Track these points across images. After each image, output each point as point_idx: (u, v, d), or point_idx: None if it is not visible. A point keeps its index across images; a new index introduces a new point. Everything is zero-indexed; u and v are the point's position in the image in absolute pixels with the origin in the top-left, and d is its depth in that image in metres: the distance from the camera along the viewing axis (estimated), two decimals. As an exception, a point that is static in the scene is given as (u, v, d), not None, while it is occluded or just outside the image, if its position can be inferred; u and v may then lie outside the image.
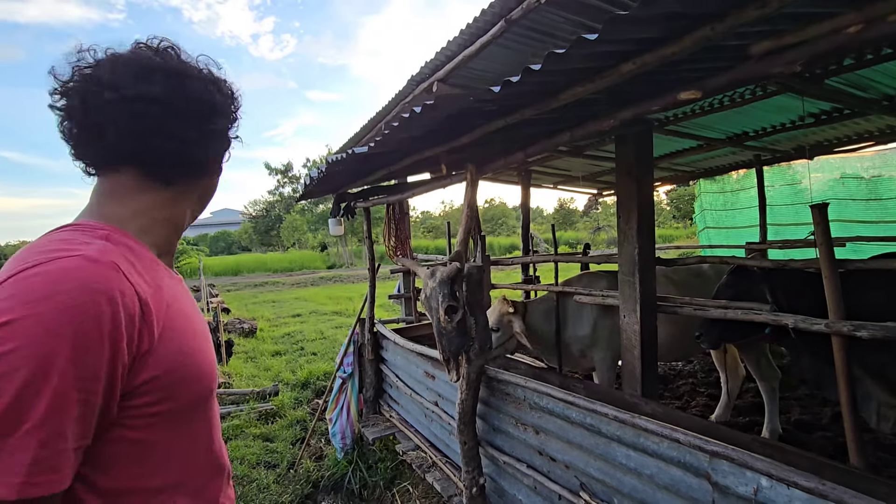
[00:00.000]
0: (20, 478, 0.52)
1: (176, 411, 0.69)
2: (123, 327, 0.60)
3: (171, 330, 0.68)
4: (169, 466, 0.70)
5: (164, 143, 0.74)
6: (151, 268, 0.71)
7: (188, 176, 0.81)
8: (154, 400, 0.66)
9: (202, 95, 0.77)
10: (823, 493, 1.06)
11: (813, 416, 3.49)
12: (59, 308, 0.56)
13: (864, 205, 5.00)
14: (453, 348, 2.16)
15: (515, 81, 1.34)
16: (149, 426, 0.66)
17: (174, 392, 0.68)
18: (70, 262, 0.59)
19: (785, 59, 1.06)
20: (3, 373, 0.53)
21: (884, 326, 1.77)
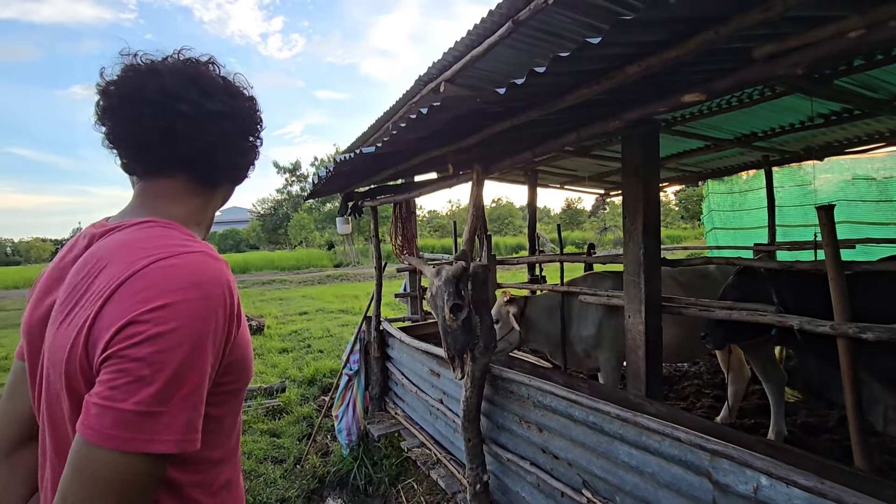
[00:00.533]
0: (178, 435, 0.63)
1: (237, 392, 0.79)
2: (234, 314, 0.72)
3: (241, 320, 0.77)
4: (227, 440, 0.79)
5: (222, 155, 0.84)
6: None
7: (231, 182, 0.92)
8: (232, 379, 0.76)
9: (250, 112, 0.87)
10: (822, 491, 1.08)
11: (819, 419, 3.47)
12: (205, 296, 0.66)
13: (875, 206, 4.95)
14: (458, 346, 2.18)
15: (521, 84, 1.36)
16: (222, 402, 0.75)
17: (242, 375, 0.78)
18: (198, 257, 0.70)
19: (788, 61, 1.07)
20: (169, 347, 0.62)
21: (889, 329, 1.77)
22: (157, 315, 0.62)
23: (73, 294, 0.69)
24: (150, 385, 0.61)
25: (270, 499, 3.21)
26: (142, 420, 0.60)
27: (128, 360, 0.61)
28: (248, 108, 0.88)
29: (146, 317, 0.62)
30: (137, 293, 0.63)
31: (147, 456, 0.61)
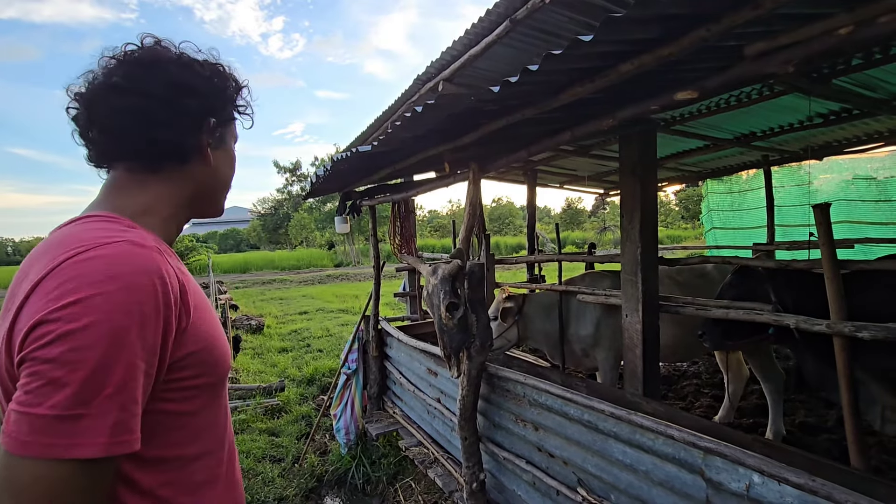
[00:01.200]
0: (104, 438, 0.59)
1: (207, 387, 0.76)
2: (172, 304, 0.67)
3: (200, 311, 0.74)
4: (202, 436, 0.77)
5: (134, 131, 0.76)
6: (170, 255, 0.76)
7: (168, 160, 0.80)
8: (193, 374, 0.72)
9: (168, 78, 0.77)
10: (814, 489, 1.08)
11: (817, 419, 3.46)
12: (125, 287, 0.62)
13: (874, 206, 4.94)
14: (454, 345, 2.18)
15: (514, 81, 1.36)
16: (187, 398, 0.73)
17: (207, 368, 0.75)
18: (120, 247, 0.65)
19: (779, 59, 1.07)
20: (82, 345, 0.58)
21: (885, 327, 1.77)
22: (68, 312, 0.59)
23: (7, 298, 0.68)
24: (66, 387, 0.57)
25: (268, 497, 3.22)
26: (60, 424, 0.56)
27: (39, 363, 0.57)
28: (164, 73, 0.77)
29: (56, 315, 0.58)
30: (50, 291, 0.60)
31: (72, 462, 0.57)
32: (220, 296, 8.92)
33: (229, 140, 0.90)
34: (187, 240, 23.17)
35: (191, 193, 0.85)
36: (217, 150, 0.86)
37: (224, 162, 0.89)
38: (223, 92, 0.86)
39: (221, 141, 0.87)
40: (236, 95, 0.90)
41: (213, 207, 0.92)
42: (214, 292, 9.18)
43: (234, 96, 0.89)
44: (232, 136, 0.91)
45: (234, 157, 0.93)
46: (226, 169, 0.90)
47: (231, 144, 0.91)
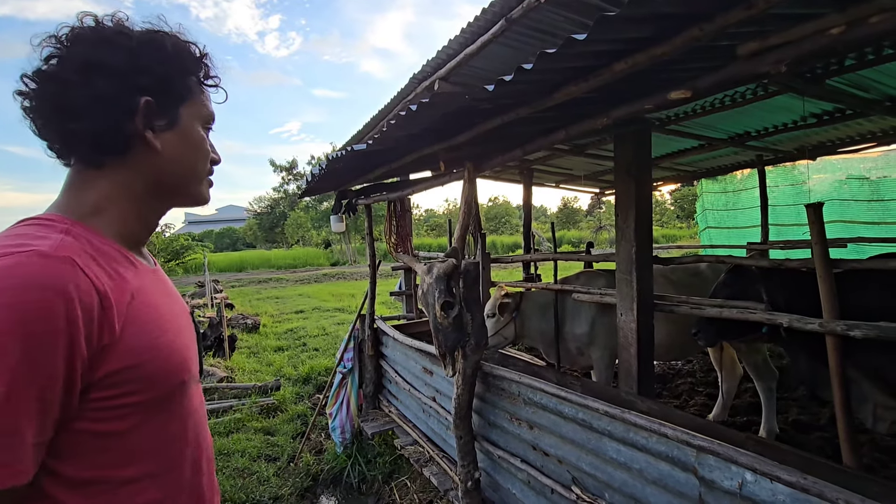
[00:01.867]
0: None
1: (145, 403, 0.68)
2: (81, 322, 0.59)
3: (135, 324, 0.67)
4: (141, 457, 0.69)
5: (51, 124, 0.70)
6: (115, 260, 0.69)
7: (103, 154, 0.72)
8: (120, 392, 0.65)
9: (80, 58, 0.68)
10: (805, 487, 1.08)
11: (811, 417, 3.49)
12: (12, 304, 0.55)
13: (867, 206, 4.98)
14: (449, 344, 2.18)
15: (509, 80, 1.36)
16: (116, 418, 0.65)
17: (142, 385, 0.67)
18: (14, 259, 0.58)
19: (771, 59, 1.07)
20: None
21: (877, 326, 1.78)
22: None
23: None
24: None
25: (264, 496, 3.21)
26: None
27: None
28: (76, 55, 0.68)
29: None
30: None
31: None
32: (215, 294, 8.88)
33: (188, 119, 0.78)
34: (182, 238, 23.05)
35: (147, 186, 0.76)
36: (168, 133, 0.75)
37: (182, 145, 0.77)
38: (165, 65, 0.74)
39: (173, 122, 0.75)
40: (194, 66, 0.78)
41: (184, 197, 0.82)
42: (210, 291, 9.15)
43: (188, 68, 0.77)
44: (194, 115, 0.79)
45: (197, 139, 0.80)
46: (186, 153, 0.78)
47: (191, 124, 0.78)
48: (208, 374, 5.39)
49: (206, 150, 0.82)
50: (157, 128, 0.74)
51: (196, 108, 0.79)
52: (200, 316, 7.29)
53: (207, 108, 0.82)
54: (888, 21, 0.92)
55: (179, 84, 0.76)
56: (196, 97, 0.79)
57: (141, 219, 0.78)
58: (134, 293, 0.68)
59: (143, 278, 0.73)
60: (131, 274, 0.71)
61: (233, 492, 3.17)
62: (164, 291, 0.80)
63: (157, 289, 0.77)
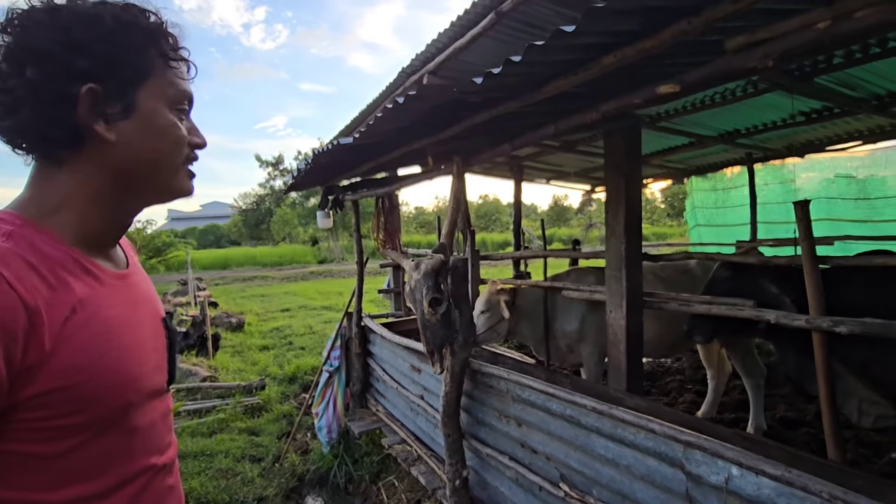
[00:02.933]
0: None
1: (87, 425, 0.63)
2: (9, 338, 0.54)
3: (71, 341, 0.61)
4: (76, 479, 0.63)
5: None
6: (65, 267, 0.64)
7: (56, 149, 0.66)
8: (53, 414, 0.60)
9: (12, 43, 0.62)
10: (790, 480, 1.08)
11: (798, 413, 3.52)
12: None
13: (854, 204, 5.04)
14: (437, 341, 2.16)
15: (497, 73, 1.34)
16: (49, 439, 0.60)
17: (80, 406, 0.62)
18: None
19: (758, 53, 1.06)
20: None
21: (862, 322, 1.78)
22: None
23: None
24: None
25: (248, 497, 3.17)
26: None
27: None
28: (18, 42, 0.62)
29: None
30: None
31: None
32: (199, 293, 8.78)
33: (150, 103, 0.69)
34: (165, 235, 22.73)
35: (111, 182, 0.69)
36: (126, 122, 0.67)
37: (145, 134, 0.69)
38: (107, 43, 0.64)
39: (130, 108, 0.67)
40: (150, 40, 0.68)
41: (159, 191, 0.74)
42: (193, 289, 9.04)
43: (141, 42, 0.67)
44: (158, 96, 0.70)
45: (164, 124, 0.70)
46: (151, 142, 0.69)
47: (154, 108, 0.69)
48: (191, 373, 5.31)
49: (179, 135, 0.72)
50: (112, 117, 0.66)
51: (160, 89, 0.70)
52: (183, 315, 7.19)
53: (177, 87, 0.72)
54: (873, 16, 0.91)
55: (131, 63, 0.67)
56: (159, 75, 0.69)
57: (106, 218, 0.70)
58: (77, 306, 0.62)
59: (97, 288, 0.67)
60: (82, 284, 0.64)
61: (216, 493, 3.12)
62: (129, 299, 0.73)
63: (117, 298, 0.70)
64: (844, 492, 1.04)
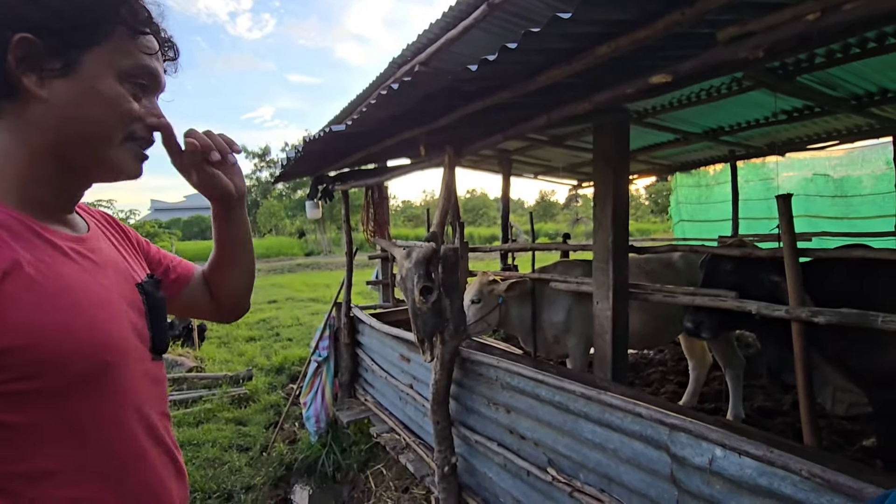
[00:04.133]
0: None
1: (51, 391, 0.60)
2: None
3: (19, 298, 0.57)
4: (56, 448, 0.61)
5: None
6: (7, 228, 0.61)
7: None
8: (10, 377, 0.56)
9: None
10: (771, 459, 1.12)
11: (775, 403, 3.63)
12: None
13: (831, 201, 5.19)
14: (428, 329, 2.17)
15: (493, 60, 1.35)
16: (9, 407, 0.57)
17: (42, 368, 0.58)
18: None
19: (749, 44, 1.09)
20: None
21: (839, 312, 1.85)
22: None
23: None
24: None
25: (236, 486, 3.16)
26: None
27: None
28: None
29: None
30: None
31: None
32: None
33: (96, 68, 0.65)
34: (148, 226, 22.26)
35: (45, 144, 0.65)
36: (62, 80, 0.63)
37: (81, 98, 0.64)
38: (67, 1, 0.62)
39: (69, 68, 0.63)
40: (114, 7, 0.65)
41: (95, 165, 0.70)
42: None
43: (102, 7, 0.64)
44: (107, 63, 0.65)
45: (108, 93, 0.66)
46: (88, 109, 0.65)
47: (99, 74, 0.65)
48: (177, 364, 5.25)
49: (124, 108, 0.67)
50: (48, 73, 0.62)
51: (112, 57, 0.66)
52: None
53: (135, 60, 0.68)
54: (861, 8, 0.94)
55: (84, 23, 0.63)
56: (116, 43, 0.66)
57: (45, 184, 0.66)
58: (21, 263, 0.59)
59: (48, 249, 0.64)
60: (26, 244, 0.61)
61: (203, 482, 3.11)
62: (89, 261, 0.70)
63: (74, 259, 0.67)
64: (823, 469, 1.09)
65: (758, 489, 1.19)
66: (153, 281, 0.82)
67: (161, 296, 0.82)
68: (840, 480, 1.05)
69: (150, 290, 0.79)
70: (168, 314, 0.88)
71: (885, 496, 0.63)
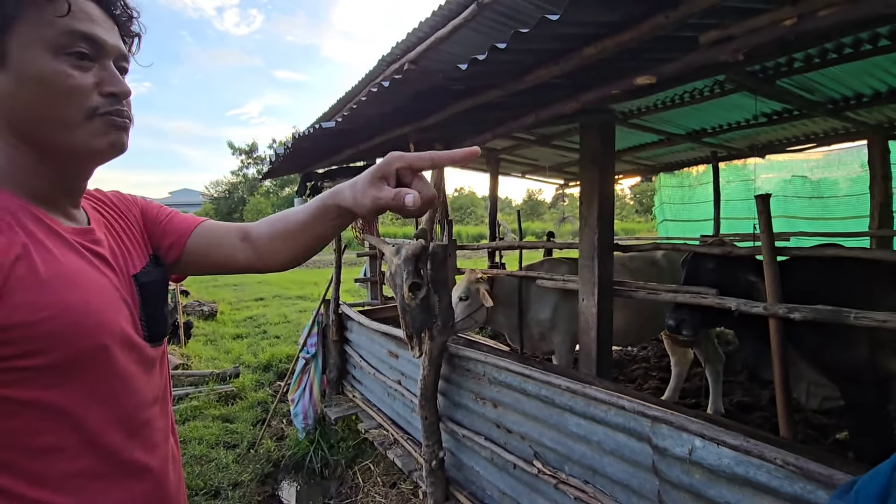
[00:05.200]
0: None
1: (52, 367, 0.61)
2: None
3: (28, 278, 0.60)
4: (52, 425, 0.62)
5: None
6: (15, 216, 0.63)
7: None
8: (12, 353, 0.58)
9: None
10: (748, 449, 1.17)
11: (753, 399, 3.73)
12: None
13: (808, 202, 5.34)
14: (417, 325, 2.19)
15: (483, 59, 1.38)
16: (12, 382, 0.59)
17: (46, 345, 0.60)
18: None
19: (730, 48, 1.14)
20: None
21: (815, 309, 1.92)
22: None
23: None
24: None
25: (223, 483, 3.15)
26: None
27: None
28: None
29: None
30: None
31: None
32: (169, 280, 8.52)
33: (24, 52, 0.61)
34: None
35: (13, 138, 0.65)
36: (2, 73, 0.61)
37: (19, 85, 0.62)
38: None
39: (1, 59, 0.61)
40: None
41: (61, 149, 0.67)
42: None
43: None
44: (33, 42, 0.61)
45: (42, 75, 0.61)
46: (26, 93, 0.62)
47: (30, 57, 0.61)
48: (163, 361, 5.18)
49: (67, 84, 0.63)
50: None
51: (35, 32, 0.60)
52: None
53: (58, 28, 0.62)
54: (835, 15, 0.99)
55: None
56: (32, 17, 0.60)
57: (36, 176, 0.67)
58: (29, 246, 0.61)
59: (52, 237, 0.66)
60: (34, 230, 0.64)
61: (190, 479, 3.09)
62: (93, 252, 0.72)
63: (75, 248, 0.69)
64: (796, 458, 1.14)
65: (734, 478, 1.23)
66: (151, 267, 0.83)
67: (160, 280, 0.83)
68: (812, 468, 1.10)
69: (146, 281, 0.81)
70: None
71: (853, 483, 0.67)
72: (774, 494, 1.16)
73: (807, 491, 1.10)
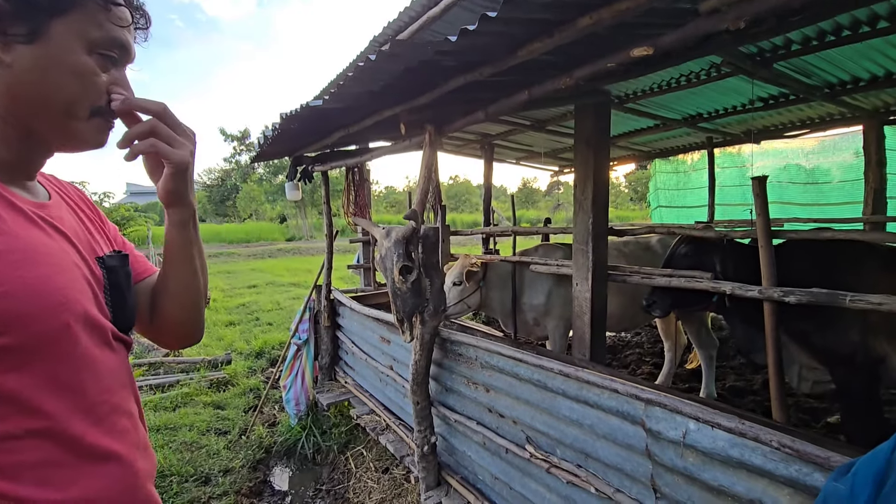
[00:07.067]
0: None
1: (9, 349, 0.59)
2: None
3: None
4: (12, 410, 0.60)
5: None
6: None
7: None
8: None
9: None
10: (743, 431, 1.15)
11: (746, 383, 3.75)
12: None
13: (803, 188, 5.32)
14: (408, 309, 2.16)
15: (473, 30, 1.32)
16: None
17: (4, 327, 0.58)
18: None
19: (731, 15, 1.09)
20: None
21: (809, 292, 1.90)
22: None
23: None
24: None
25: (213, 469, 3.12)
26: None
27: None
28: None
29: None
30: None
31: None
32: (160, 268, 8.46)
33: (64, 38, 0.64)
34: (123, 209, 21.65)
35: (5, 108, 0.65)
36: (27, 47, 0.62)
37: (44, 64, 0.63)
38: None
39: (36, 35, 0.62)
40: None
41: (53, 131, 0.68)
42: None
43: None
44: (75, 34, 0.65)
45: (74, 64, 0.65)
46: (50, 75, 0.64)
47: (67, 44, 0.64)
48: (153, 347, 5.14)
49: (91, 80, 0.67)
50: (12, 38, 0.61)
51: (82, 26, 0.65)
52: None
53: (106, 31, 0.67)
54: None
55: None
56: (86, 13, 0.65)
57: (6, 146, 0.66)
58: None
59: (9, 210, 0.63)
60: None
61: (180, 465, 3.07)
62: (54, 228, 0.69)
63: (34, 223, 0.66)
64: (792, 440, 1.12)
65: (729, 461, 1.21)
66: (118, 256, 0.80)
67: (126, 271, 0.81)
68: (808, 450, 1.08)
69: (113, 265, 0.78)
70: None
71: (850, 464, 0.65)
72: (770, 477, 1.14)
73: (803, 473, 1.08)
